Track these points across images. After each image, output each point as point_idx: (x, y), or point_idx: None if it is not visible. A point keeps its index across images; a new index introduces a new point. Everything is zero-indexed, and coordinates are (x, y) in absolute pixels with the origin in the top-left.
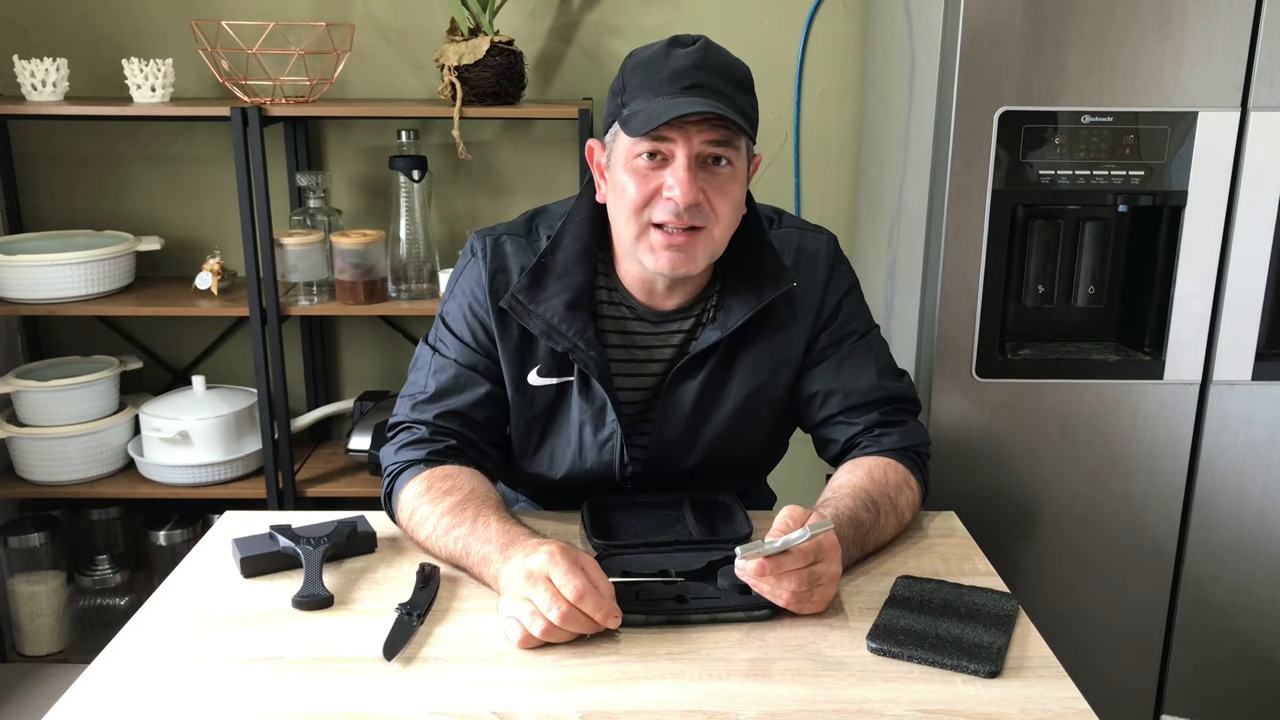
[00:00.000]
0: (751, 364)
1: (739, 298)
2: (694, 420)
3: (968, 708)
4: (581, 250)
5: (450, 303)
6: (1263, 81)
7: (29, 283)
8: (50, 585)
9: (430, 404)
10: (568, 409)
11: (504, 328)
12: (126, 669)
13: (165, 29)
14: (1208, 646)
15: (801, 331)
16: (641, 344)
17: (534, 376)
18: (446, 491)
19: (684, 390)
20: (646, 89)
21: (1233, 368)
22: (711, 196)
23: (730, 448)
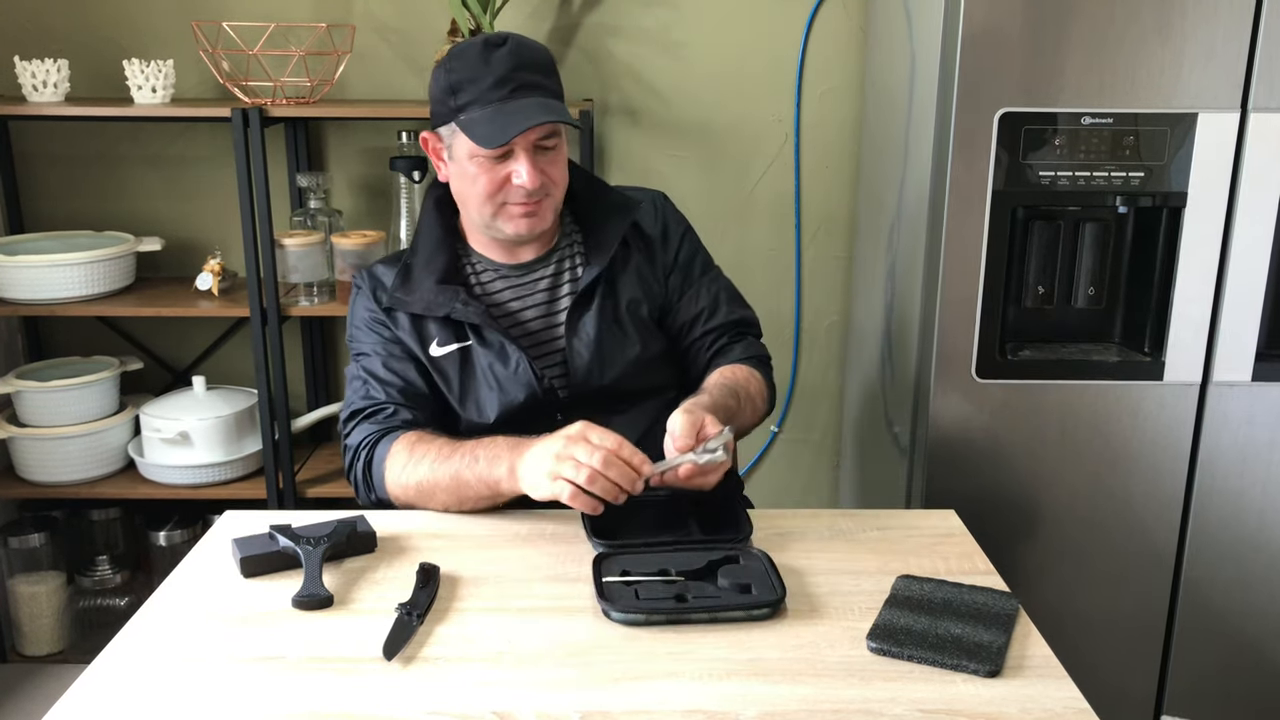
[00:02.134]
0: (628, 285)
1: (601, 233)
2: (602, 342)
3: (968, 707)
4: (437, 241)
5: (353, 327)
6: (1262, 82)
7: (29, 283)
8: (50, 585)
9: (378, 388)
10: (474, 362)
11: (396, 325)
12: (126, 669)
13: (166, 30)
14: (1208, 647)
15: (657, 267)
16: (515, 295)
17: (434, 348)
18: (446, 441)
19: (585, 319)
20: (479, 96)
21: (1233, 368)
22: (548, 170)
23: (638, 358)
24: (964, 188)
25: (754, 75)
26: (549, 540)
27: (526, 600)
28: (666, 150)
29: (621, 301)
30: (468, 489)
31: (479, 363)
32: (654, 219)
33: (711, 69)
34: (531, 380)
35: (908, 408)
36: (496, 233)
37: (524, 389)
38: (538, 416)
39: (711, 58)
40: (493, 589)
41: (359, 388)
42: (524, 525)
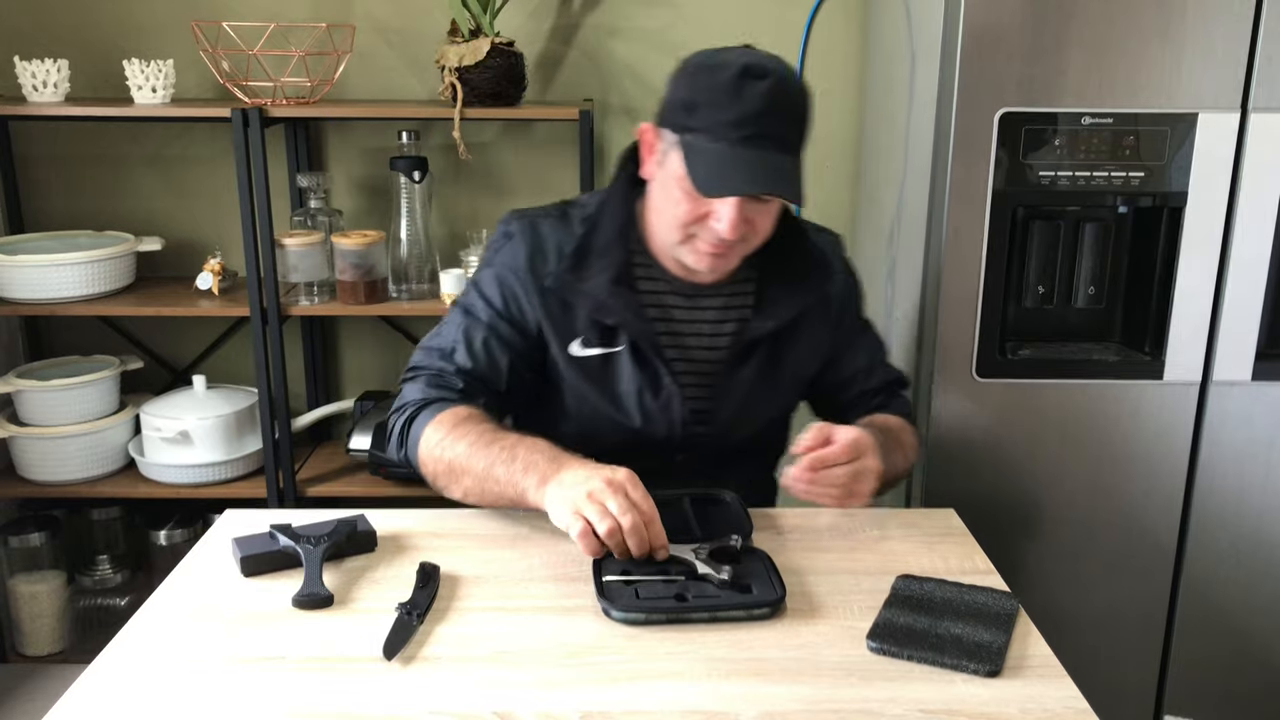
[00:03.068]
0: (796, 348)
1: (785, 289)
2: (753, 398)
3: (968, 707)
4: (619, 229)
5: (485, 272)
6: (1263, 83)
7: (30, 283)
8: (50, 585)
9: (457, 360)
10: (618, 378)
11: (544, 304)
12: (126, 669)
13: (166, 30)
14: (1208, 646)
15: (828, 323)
16: (678, 317)
17: (576, 348)
18: (492, 428)
19: (744, 371)
20: (713, 127)
21: (1233, 368)
22: (755, 221)
23: (780, 417)
24: (964, 188)
25: None
26: (549, 540)
27: (526, 600)
28: None
29: (785, 360)
30: (494, 485)
31: (623, 380)
32: (841, 288)
33: None
34: (675, 420)
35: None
36: (676, 256)
37: (663, 426)
38: (655, 452)
39: None
40: (493, 589)
41: (448, 337)
42: (524, 525)
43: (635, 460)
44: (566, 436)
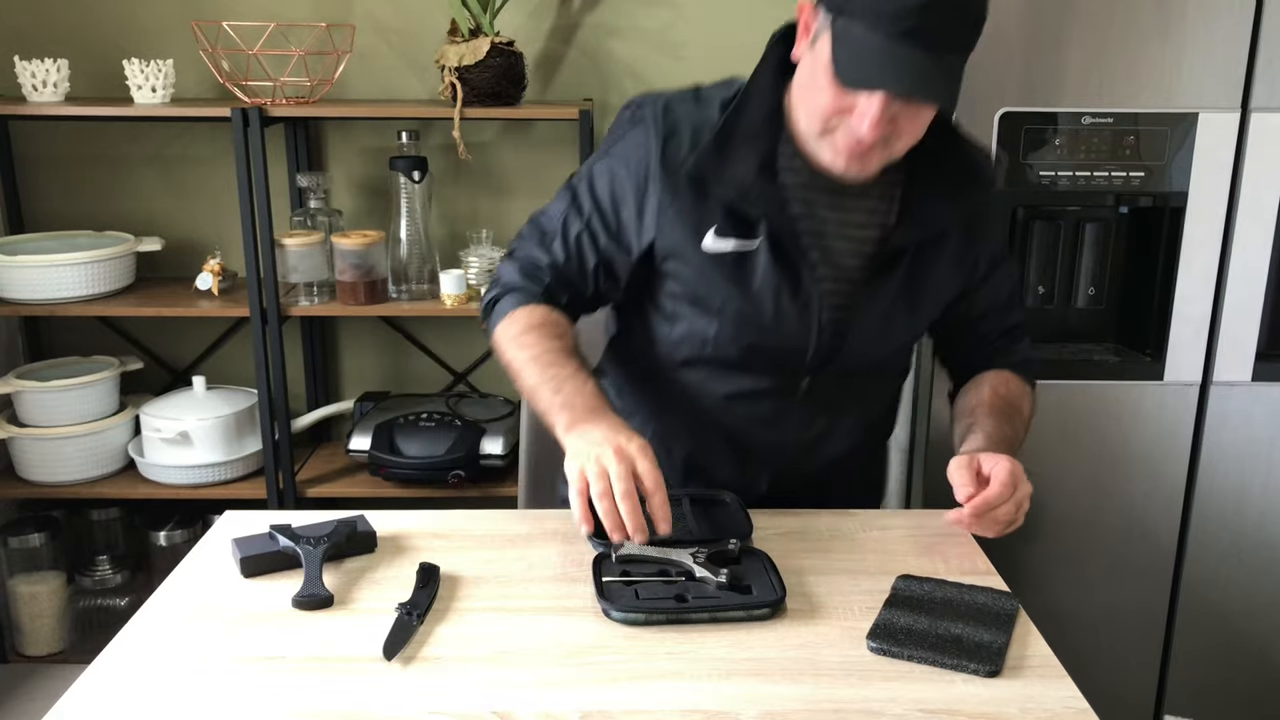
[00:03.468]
0: (940, 265)
1: (935, 198)
2: (891, 318)
3: (968, 707)
4: (768, 114)
5: (601, 162)
6: (1263, 83)
7: (30, 283)
8: (50, 585)
9: (551, 251)
10: (754, 275)
11: (674, 194)
12: (126, 669)
13: (166, 30)
14: (1208, 646)
15: (974, 243)
16: (822, 215)
17: (709, 240)
18: (559, 335)
19: (886, 286)
20: (870, 13)
21: (1233, 368)
22: (903, 124)
23: (912, 340)
24: None
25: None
26: (549, 540)
27: (526, 600)
28: None
29: (929, 280)
30: (537, 404)
31: (759, 278)
32: (992, 207)
33: (711, 69)
34: (811, 326)
35: (907, 407)
36: (814, 150)
37: (799, 332)
38: (783, 366)
39: (711, 58)
40: (493, 589)
41: (554, 219)
42: (524, 525)
43: (759, 376)
44: (674, 344)
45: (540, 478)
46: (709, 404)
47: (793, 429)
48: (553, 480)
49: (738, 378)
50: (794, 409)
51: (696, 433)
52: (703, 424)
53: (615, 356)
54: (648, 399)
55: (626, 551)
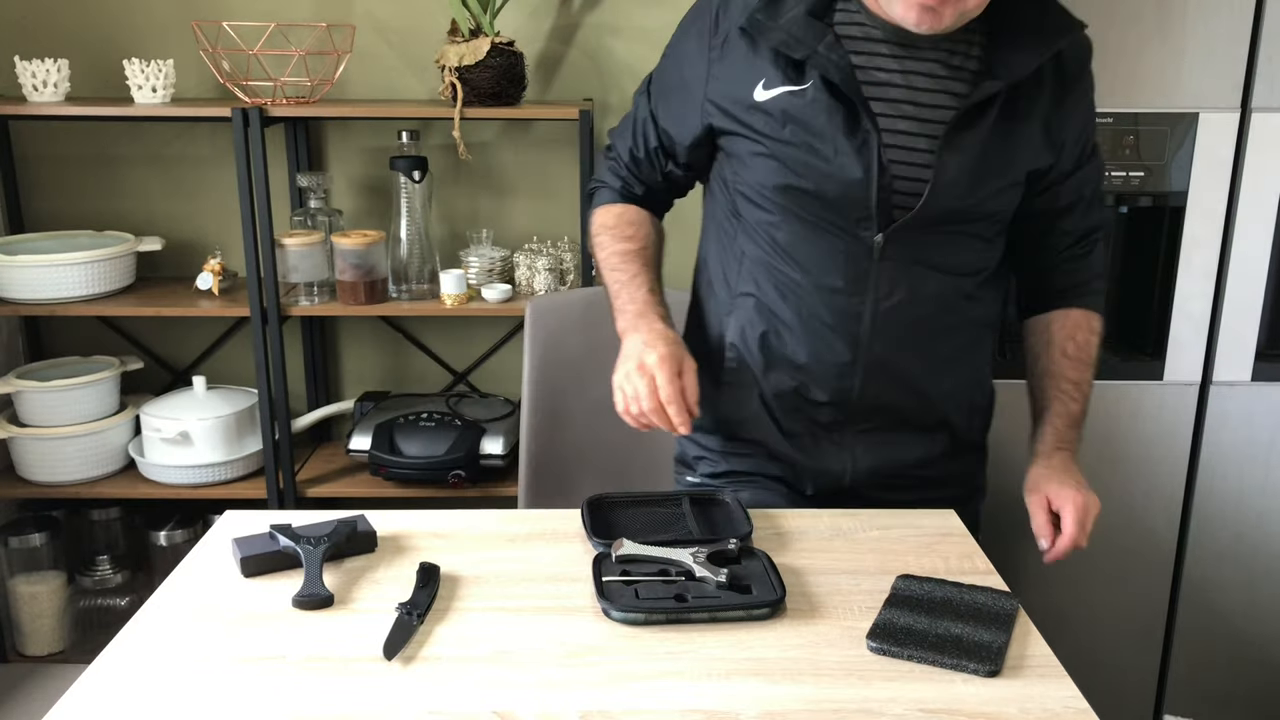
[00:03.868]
0: (1033, 124)
1: (1018, 42)
2: (968, 176)
3: (968, 707)
4: None
5: (673, 39)
6: (1263, 82)
7: (30, 283)
8: (51, 585)
9: (630, 146)
10: (803, 118)
11: (726, 55)
12: (126, 669)
13: (166, 30)
14: (1208, 646)
15: (1064, 114)
16: (888, 68)
17: (760, 91)
18: (628, 237)
19: (960, 144)
20: None
21: (1233, 368)
22: None
23: (991, 217)
24: None
25: None
26: (549, 540)
27: (526, 600)
28: None
29: (1018, 138)
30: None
31: (810, 120)
32: (1081, 57)
33: None
34: (873, 165)
35: None
36: (883, 3)
37: (857, 172)
38: (850, 221)
39: None
40: (493, 589)
41: (635, 109)
42: (524, 525)
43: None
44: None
45: (540, 478)
46: (785, 276)
47: (870, 294)
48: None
49: (808, 238)
50: (870, 271)
51: (773, 309)
52: (780, 296)
53: (706, 243)
54: (729, 280)
55: (626, 551)
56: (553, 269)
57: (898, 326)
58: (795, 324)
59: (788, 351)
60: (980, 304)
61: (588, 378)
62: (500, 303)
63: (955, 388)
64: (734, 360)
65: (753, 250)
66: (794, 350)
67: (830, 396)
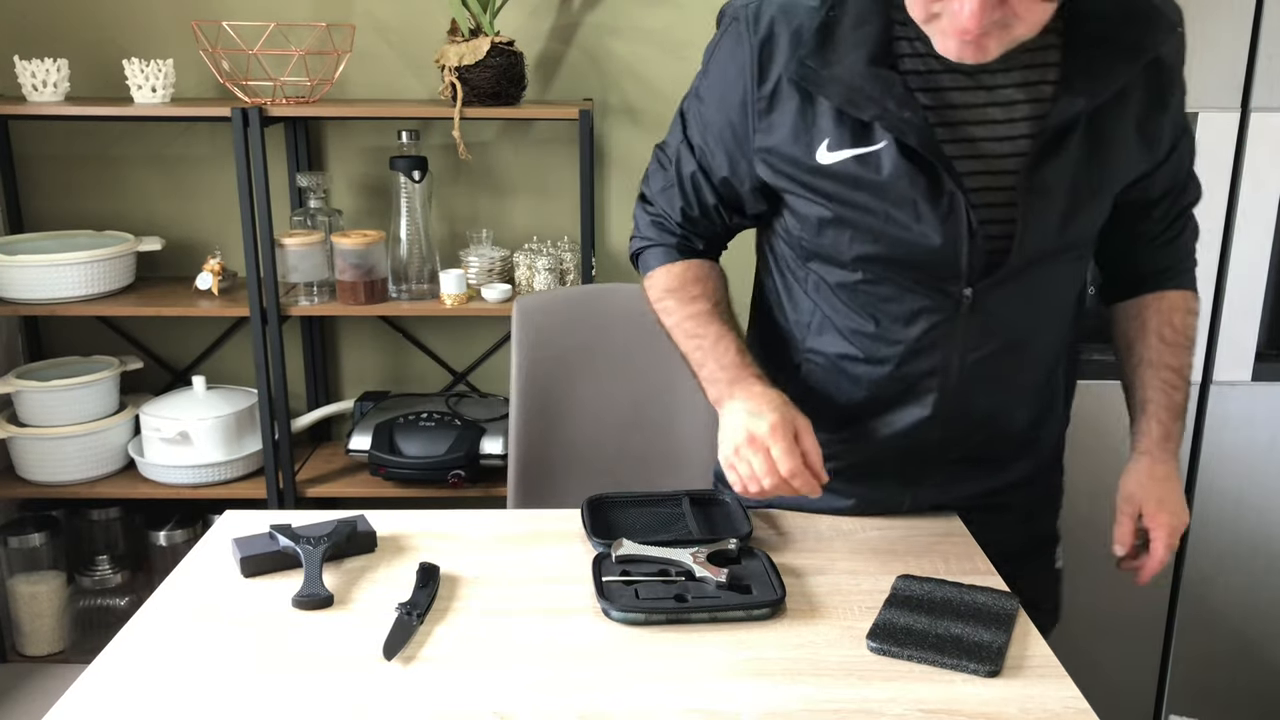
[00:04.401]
0: (1121, 136)
1: (1102, 52)
2: (1059, 208)
3: (968, 707)
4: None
5: (703, 81)
6: (1263, 82)
7: (29, 283)
8: (50, 585)
9: (677, 201)
10: (882, 185)
11: (776, 106)
12: (126, 669)
13: (166, 29)
14: (1208, 646)
15: (1160, 108)
16: (958, 102)
17: (823, 154)
18: (695, 297)
19: (1053, 168)
20: None
21: (1233, 368)
22: (1016, 2)
23: (1085, 242)
24: None
25: None
26: (549, 540)
27: (526, 600)
28: None
29: (1111, 153)
30: (689, 366)
31: (886, 187)
32: (1175, 52)
33: None
34: (961, 229)
35: None
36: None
37: (943, 238)
38: (938, 283)
39: None
40: (493, 589)
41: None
42: (524, 525)
43: (916, 297)
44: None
45: (530, 477)
46: (862, 334)
47: (957, 348)
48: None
49: (889, 297)
50: (958, 325)
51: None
52: (856, 357)
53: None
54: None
55: (626, 551)
56: (552, 269)
57: (984, 374)
58: (872, 383)
59: (861, 408)
60: (1067, 327)
61: (576, 376)
62: (500, 303)
63: (1032, 420)
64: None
65: (828, 306)
66: (868, 408)
67: (904, 449)
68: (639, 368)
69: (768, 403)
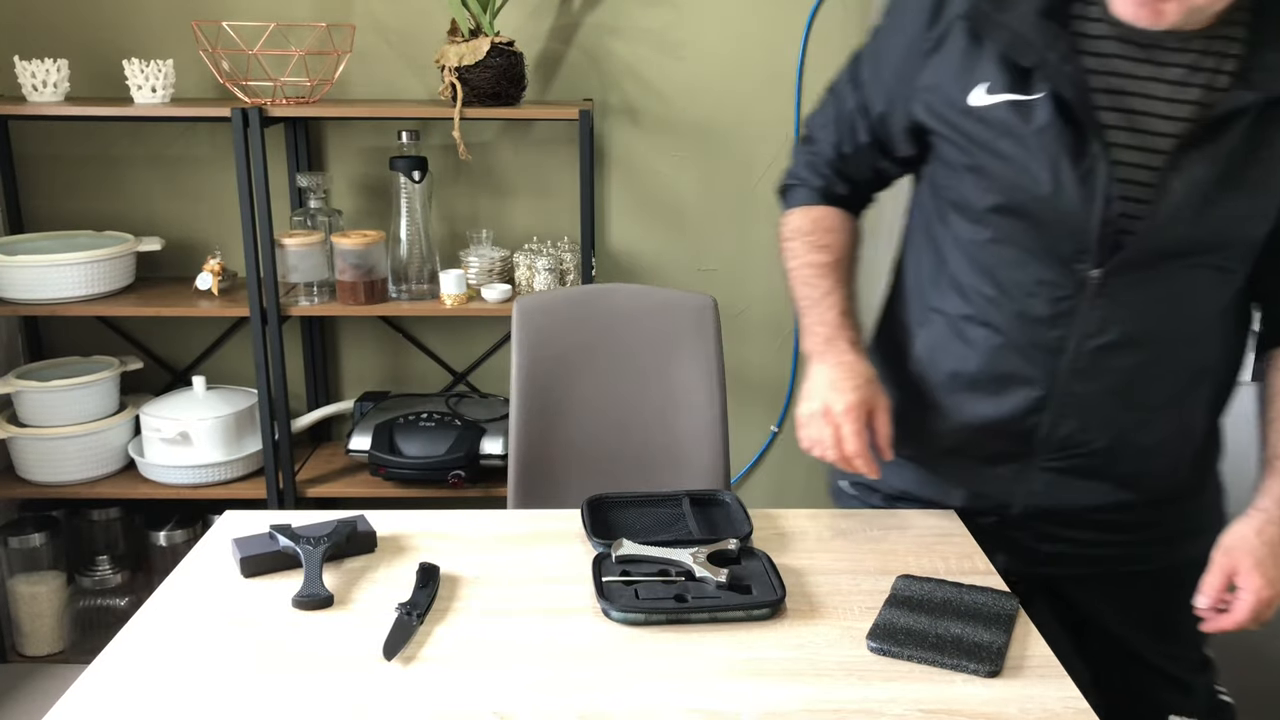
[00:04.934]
0: None
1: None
2: (1204, 201)
3: (968, 708)
4: None
5: (883, 21)
6: None
7: (29, 283)
8: (50, 585)
9: (834, 139)
10: (1028, 135)
11: (944, 45)
12: (126, 669)
13: (166, 30)
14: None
15: None
16: (1123, 72)
17: (978, 95)
18: (822, 246)
19: (1198, 160)
20: None
21: None
22: None
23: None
24: None
25: (754, 75)
26: (549, 540)
27: (526, 600)
28: (666, 150)
29: (1270, 151)
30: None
31: (1035, 141)
32: None
33: (711, 69)
34: (1097, 197)
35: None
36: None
37: (1078, 208)
38: (1061, 252)
39: (711, 58)
40: (493, 589)
41: (832, 99)
42: (524, 525)
43: (1041, 267)
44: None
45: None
46: (984, 297)
47: (1076, 330)
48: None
49: (1016, 262)
50: (1080, 305)
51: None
52: (976, 319)
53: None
54: (923, 288)
55: (626, 552)
56: (552, 269)
57: (1102, 368)
58: (987, 350)
59: (975, 378)
60: (1206, 346)
61: (576, 376)
62: (500, 303)
63: (1159, 440)
64: (917, 375)
65: (955, 262)
66: (981, 379)
67: (1014, 429)
68: (639, 368)
69: (851, 379)
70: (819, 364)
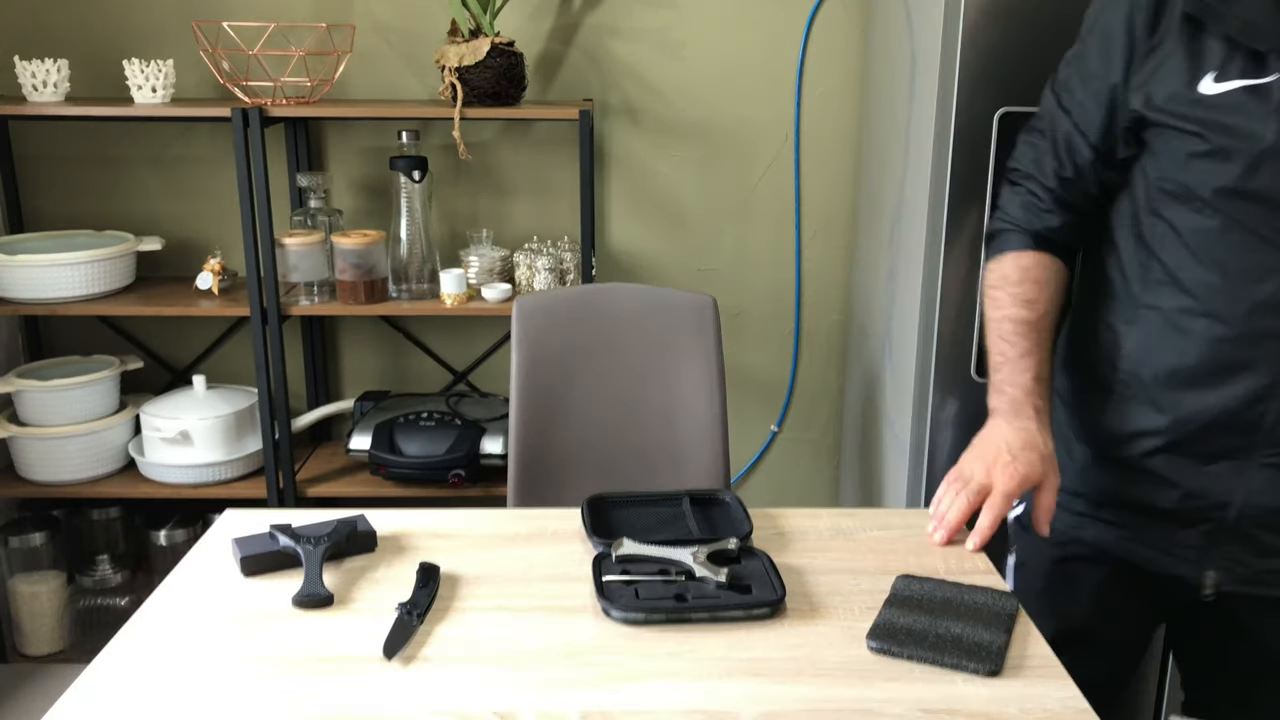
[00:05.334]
0: None
1: None
2: None
3: (968, 707)
4: None
5: (1089, 36)
6: None
7: (30, 283)
8: (50, 585)
9: (1047, 168)
10: (1266, 118)
11: (1164, 43)
12: (126, 669)
13: (166, 30)
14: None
15: None
16: None
17: (1208, 84)
18: (1028, 301)
19: None
20: None
21: None
22: None
23: None
24: (964, 187)
25: (754, 75)
26: (549, 540)
27: (526, 600)
28: (666, 150)
29: None
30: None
31: (1274, 117)
32: None
33: (711, 69)
34: None
35: (908, 407)
36: None
37: None
38: None
39: (711, 58)
40: (493, 589)
41: (1039, 134)
42: (524, 525)
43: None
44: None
45: (530, 475)
46: (1206, 287)
47: None
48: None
49: (1245, 246)
50: None
51: (1183, 325)
52: (1196, 310)
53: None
54: (1132, 284)
55: (627, 551)
56: (553, 269)
57: None
58: (1208, 341)
59: (1194, 372)
60: None
61: (576, 376)
62: (500, 302)
63: None
64: (1127, 374)
65: (1171, 256)
66: (1202, 371)
67: (1236, 422)
68: (639, 367)
69: (1025, 451)
70: (1000, 422)
